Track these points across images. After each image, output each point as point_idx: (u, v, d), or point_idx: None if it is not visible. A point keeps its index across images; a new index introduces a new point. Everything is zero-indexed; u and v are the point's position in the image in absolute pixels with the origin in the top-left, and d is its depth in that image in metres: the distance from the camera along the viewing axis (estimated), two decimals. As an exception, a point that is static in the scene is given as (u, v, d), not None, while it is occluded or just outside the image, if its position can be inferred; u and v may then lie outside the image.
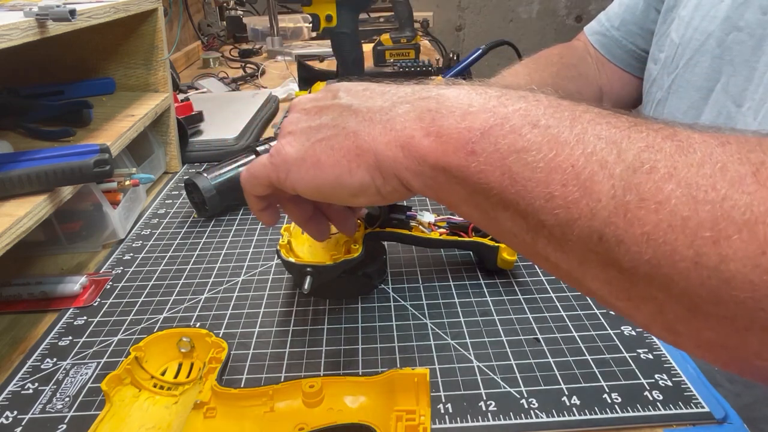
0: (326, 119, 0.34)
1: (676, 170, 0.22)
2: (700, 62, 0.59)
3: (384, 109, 0.32)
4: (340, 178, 0.32)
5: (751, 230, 0.20)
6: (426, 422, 0.36)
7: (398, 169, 0.30)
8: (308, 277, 0.45)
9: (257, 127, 0.97)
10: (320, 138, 0.33)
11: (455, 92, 0.30)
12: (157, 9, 0.77)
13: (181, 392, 0.41)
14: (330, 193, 0.33)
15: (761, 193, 0.21)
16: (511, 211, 0.26)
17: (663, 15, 0.68)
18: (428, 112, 0.29)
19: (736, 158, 0.22)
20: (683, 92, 0.61)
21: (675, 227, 0.22)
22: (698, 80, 0.59)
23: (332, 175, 0.32)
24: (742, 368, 0.23)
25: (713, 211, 0.21)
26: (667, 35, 0.65)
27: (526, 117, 0.27)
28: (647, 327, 0.25)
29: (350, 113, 0.33)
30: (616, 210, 0.23)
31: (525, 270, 0.55)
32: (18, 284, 0.54)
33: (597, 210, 0.23)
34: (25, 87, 0.75)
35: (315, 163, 0.33)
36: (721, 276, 0.21)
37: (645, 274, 0.23)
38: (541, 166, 0.25)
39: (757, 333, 0.21)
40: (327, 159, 0.32)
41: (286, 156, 0.34)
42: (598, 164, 0.24)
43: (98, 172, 0.52)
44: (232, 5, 1.82)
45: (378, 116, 0.31)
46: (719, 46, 0.57)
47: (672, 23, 0.65)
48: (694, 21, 0.61)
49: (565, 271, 0.26)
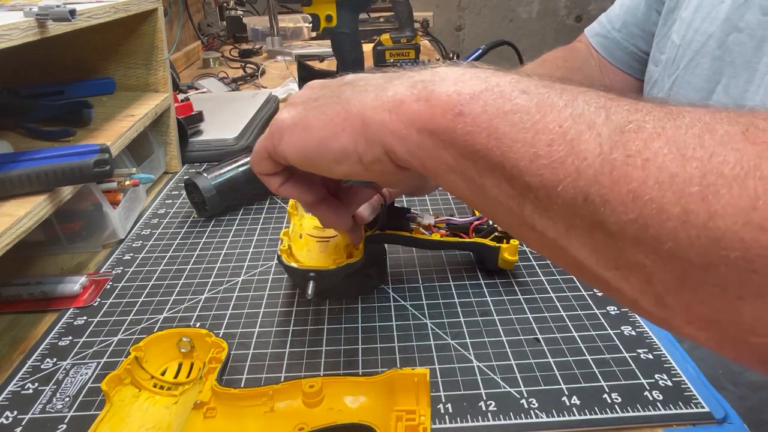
0: (326, 92, 0.34)
1: (665, 130, 0.22)
2: (701, 63, 0.59)
3: (380, 83, 0.32)
4: (325, 140, 0.32)
5: (742, 185, 0.19)
6: (426, 422, 0.36)
7: (384, 134, 0.30)
8: (311, 282, 0.45)
9: (257, 127, 0.97)
10: (315, 105, 0.34)
11: (449, 68, 0.30)
12: (157, 9, 0.77)
13: (181, 392, 0.41)
14: (315, 157, 0.33)
15: (751, 150, 0.20)
16: (497, 175, 0.26)
17: (664, 17, 0.68)
18: (421, 82, 0.30)
19: (725, 120, 0.21)
20: (684, 94, 0.61)
21: (662, 183, 0.21)
22: (699, 81, 0.59)
23: (317, 138, 0.32)
24: (737, 348, 0.22)
25: (701, 167, 0.20)
26: (668, 37, 0.65)
27: (516, 84, 0.27)
28: (636, 303, 0.24)
29: (348, 86, 0.33)
30: (602, 168, 0.23)
31: (525, 270, 0.55)
32: (18, 284, 0.54)
33: (582, 169, 0.23)
34: (25, 87, 0.75)
35: (305, 127, 0.33)
36: (710, 234, 0.20)
37: (632, 237, 0.22)
38: (528, 127, 0.25)
39: (751, 303, 0.20)
40: (316, 122, 0.33)
41: (281, 122, 0.35)
42: (586, 125, 0.24)
43: (98, 172, 0.52)
44: (232, 5, 1.82)
45: (373, 87, 0.32)
46: (720, 48, 0.57)
47: (673, 25, 0.65)
48: (694, 22, 0.60)
49: (551, 240, 0.26)
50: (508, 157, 0.25)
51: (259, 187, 0.72)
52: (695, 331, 0.23)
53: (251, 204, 0.72)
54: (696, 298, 0.21)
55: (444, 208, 0.69)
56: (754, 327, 0.20)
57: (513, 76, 0.28)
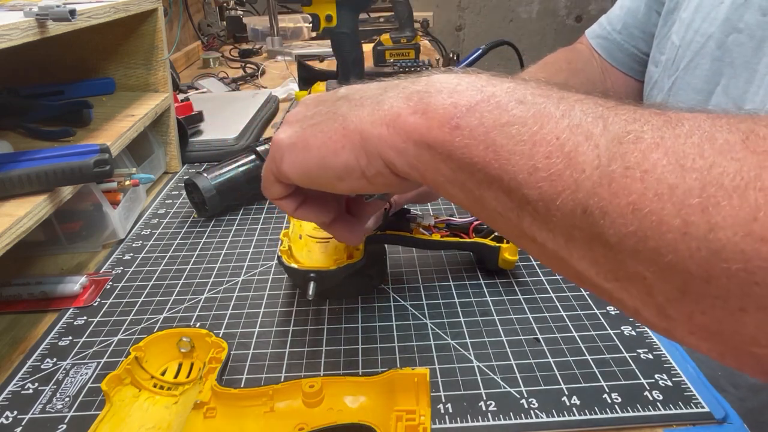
0: (321, 108, 0.34)
1: (663, 140, 0.22)
2: (701, 64, 0.59)
3: (375, 95, 0.32)
4: (326, 159, 0.32)
5: (742, 196, 0.19)
6: (426, 422, 0.36)
7: (383, 148, 0.30)
8: (312, 283, 0.45)
9: (257, 127, 0.97)
10: (312, 123, 0.33)
11: (445, 76, 0.30)
12: (157, 9, 0.77)
13: (181, 392, 0.41)
14: (317, 176, 0.33)
15: (751, 159, 0.20)
16: (495, 188, 0.26)
17: (663, 17, 0.68)
18: (416, 93, 0.29)
19: (725, 128, 0.21)
20: (683, 94, 0.61)
21: (661, 195, 0.21)
22: (698, 82, 0.59)
23: (318, 156, 0.32)
24: (739, 358, 0.22)
25: (701, 178, 0.20)
26: (668, 37, 0.65)
27: (512, 94, 0.27)
28: (638, 312, 0.24)
29: (343, 101, 0.33)
30: (600, 180, 0.22)
31: (525, 270, 0.55)
32: (18, 284, 0.54)
33: (581, 181, 0.23)
34: (25, 87, 0.75)
35: (304, 147, 0.33)
36: (711, 246, 0.20)
37: (631, 249, 0.22)
38: (525, 139, 0.25)
39: (753, 314, 0.20)
40: (314, 141, 0.32)
41: (280, 142, 0.35)
42: (583, 136, 0.24)
43: (98, 172, 0.52)
44: (232, 5, 1.82)
45: (368, 101, 0.31)
46: (719, 48, 0.57)
47: (672, 25, 0.65)
48: (694, 23, 0.60)
49: (551, 251, 0.26)
50: (506, 169, 0.25)
51: (259, 187, 0.72)
52: (697, 341, 0.23)
53: (251, 204, 0.72)
54: (697, 309, 0.21)
55: (444, 208, 0.69)
56: (756, 338, 0.20)
57: (509, 84, 0.28)
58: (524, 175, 0.25)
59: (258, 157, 0.71)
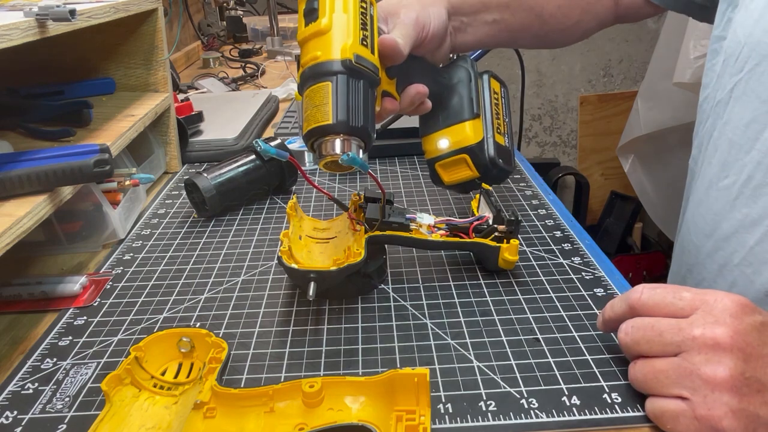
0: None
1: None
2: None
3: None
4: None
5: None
6: (426, 422, 0.36)
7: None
8: (312, 283, 0.45)
9: (257, 127, 0.97)
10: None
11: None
12: (157, 9, 0.77)
13: (181, 392, 0.41)
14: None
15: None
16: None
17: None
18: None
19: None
20: (747, 101, 0.53)
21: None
22: (765, 91, 0.51)
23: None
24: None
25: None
26: (730, 24, 0.56)
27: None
28: None
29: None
30: None
31: (525, 270, 0.55)
32: (18, 284, 0.54)
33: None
34: (25, 87, 0.75)
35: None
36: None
37: None
38: None
39: None
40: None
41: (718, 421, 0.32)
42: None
43: (98, 172, 0.52)
44: (232, 5, 1.82)
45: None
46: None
47: (736, 9, 0.55)
48: (763, 20, 0.51)
49: None
50: None
51: (259, 187, 0.72)
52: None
53: (251, 204, 0.72)
54: None
55: (444, 208, 0.69)
56: None
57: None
58: None
59: (258, 157, 0.71)
